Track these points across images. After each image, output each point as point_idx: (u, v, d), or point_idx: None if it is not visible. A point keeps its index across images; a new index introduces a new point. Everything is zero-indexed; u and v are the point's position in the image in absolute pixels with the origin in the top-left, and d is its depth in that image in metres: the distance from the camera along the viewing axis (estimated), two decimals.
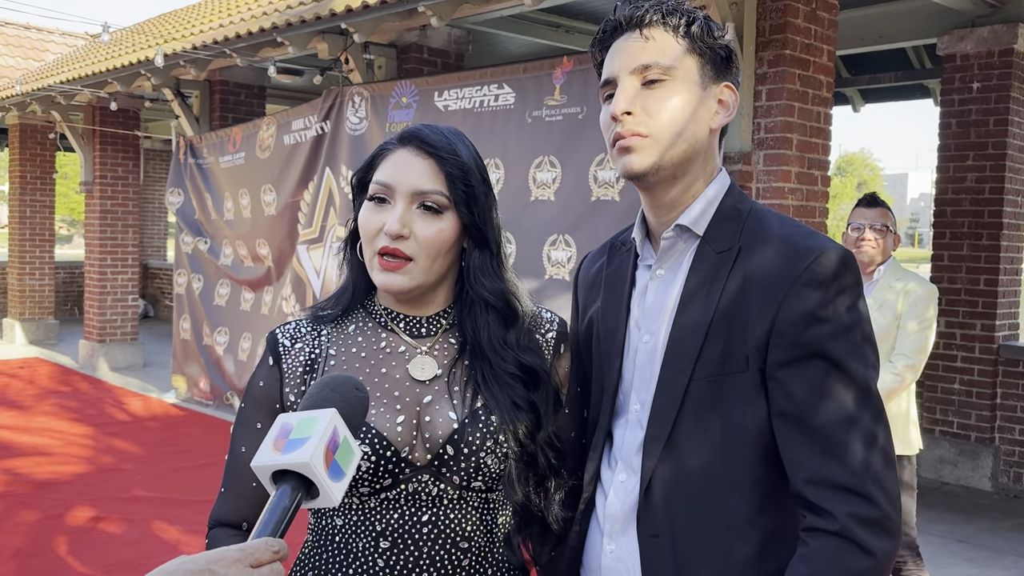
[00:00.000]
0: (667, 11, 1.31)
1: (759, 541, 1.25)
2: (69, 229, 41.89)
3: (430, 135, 1.34)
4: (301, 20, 5.75)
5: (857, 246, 3.53)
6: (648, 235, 1.41)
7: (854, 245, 3.53)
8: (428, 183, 1.31)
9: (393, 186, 1.32)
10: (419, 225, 1.30)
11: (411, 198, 1.31)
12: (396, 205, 1.31)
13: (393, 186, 1.32)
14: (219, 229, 7.67)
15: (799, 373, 1.21)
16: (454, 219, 1.32)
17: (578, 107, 4.59)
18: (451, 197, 1.31)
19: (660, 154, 1.29)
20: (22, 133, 11.48)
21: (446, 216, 1.31)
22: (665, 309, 1.34)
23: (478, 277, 1.35)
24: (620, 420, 1.38)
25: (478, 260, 1.35)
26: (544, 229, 4.68)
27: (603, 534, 1.37)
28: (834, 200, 37.42)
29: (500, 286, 1.36)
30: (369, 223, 1.33)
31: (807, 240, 1.26)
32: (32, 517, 4.94)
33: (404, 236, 1.29)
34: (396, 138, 1.37)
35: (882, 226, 3.55)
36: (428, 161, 1.32)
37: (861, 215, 3.60)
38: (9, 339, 11.79)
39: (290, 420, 1.03)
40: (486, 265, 1.36)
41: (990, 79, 6.03)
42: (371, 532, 1.29)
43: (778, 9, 4.21)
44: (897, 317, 3.46)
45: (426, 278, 1.32)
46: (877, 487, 1.18)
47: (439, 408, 1.30)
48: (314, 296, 6.58)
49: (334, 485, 0.99)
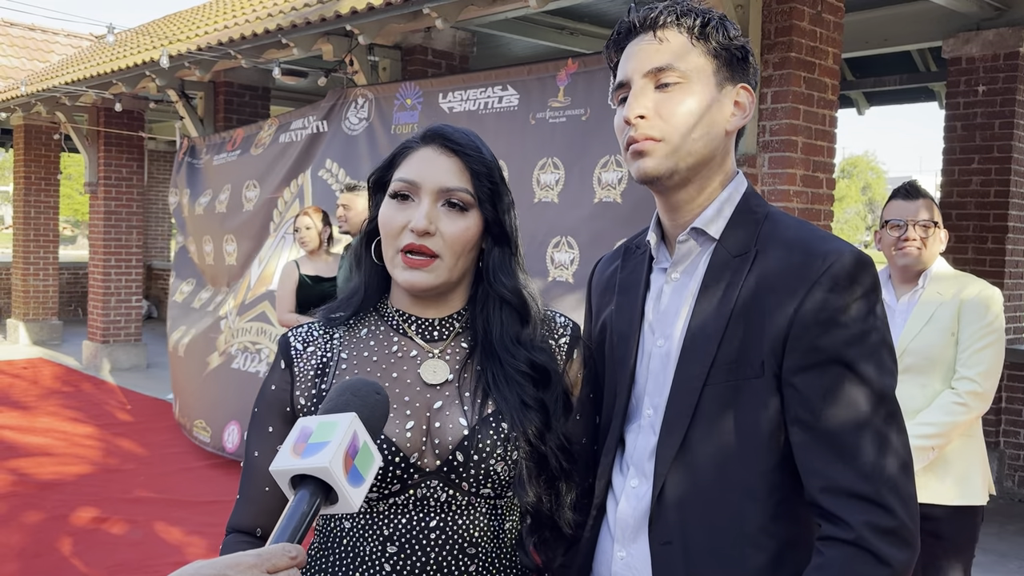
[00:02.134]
0: (681, 12, 1.29)
1: (773, 549, 1.23)
2: (73, 230, 41.94)
3: (454, 133, 1.34)
4: (306, 22, 5.75)
5: (899, 247, 2.89)
6: (663, 238, 1.40)
7: (894, 246, 2.90)
8: (454, 180, 1.30)
9: (419, 183, 1.31)
10: (445, 222, 1.30)
11: (437, 195, 1.30)
12: (422, 202, 1.30)
13: (419, 183, 1.31)
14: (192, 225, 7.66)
15: (815, 379, 1.20)
16: (478, 217, 1.32)
17: (582, 109, 4.58)
18: (476, 195, 1.31)
19: (674, 158, 1.28)
20: (27, 134, 11.50)
21: (471, 214, 1.31)
22: (680, 313, 1.32)
23: (497, 275, 1.34)
24: (633, 425, 1.37)
25: (498, 258, 1.35)
26: (547, 231, 4.67)
27: (614, 540, 1.35)
28: (839, 203, 37.33)
29: (517, 284, 1.35)
30: (392, 220, 1.31)
31: (824, 244, 1.24)
32: (36, 517, 4.93)
33: (431, 233, 1.29)
34: (419, 136, 1.35)
35: (928, 222, 2.90)
36: (453, 159, 1.32)
37: (900, 210, 2.92)
38: (13, 339, 11.80)
39: (310, 424, 1.01)
40: (506, 263, 1.35)
41: (995, 82, 6.02)
42: (379, 536, 1.28)
43: (783, 12, 4.21)
44: (953, 332, 2.81)
45: (450, 276, 1.32)
46: (894, 496, 1.15)
47: (449, 414, 1.29)
48: (248, 287, 6.54)
49: (353, 491, 0.98)
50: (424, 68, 6.37)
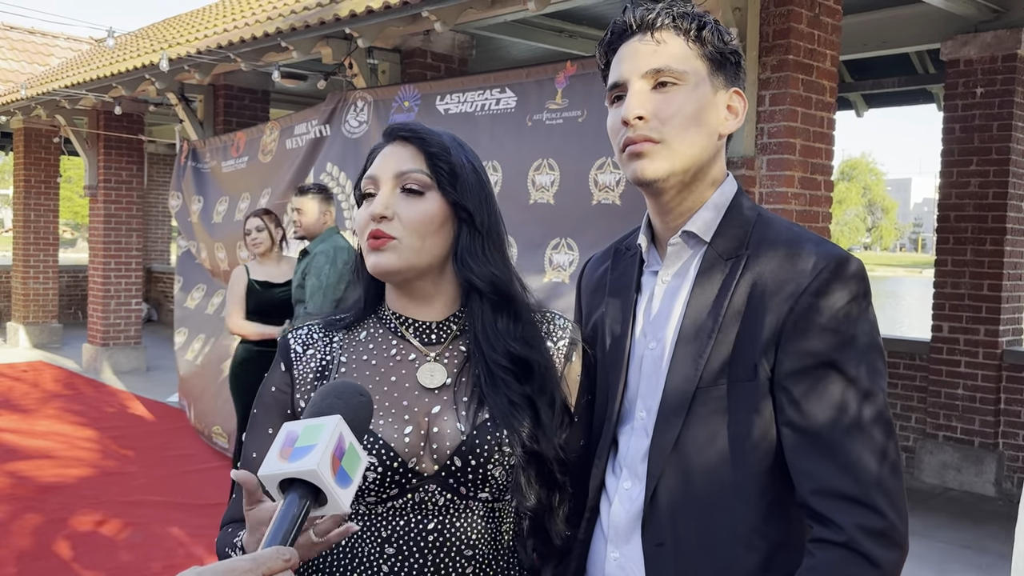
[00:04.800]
0: (678, 14, 1.29)
1: (765, 551, 1.24)
2: (73, 233, 41.95)
3: (411, 124, 1.36)
4: (305, 25, 5.76)
5: None
6: (654, 240, 1.40)
7: None
8: (408, 164, 1.32)
9: (376, 176, 1.34)
10: (402, 206, 1.31)
11: (394, 182, 1.32)
12: (380, 191, 1.32)
13: (376, 176, 1.34)
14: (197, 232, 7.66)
15: (807, 382, 1.20)
16: (438, 198, 1.32)
17: (579, 111, 4.58)
18: (432, 175, 1.32)
19: (672, 160, 1.28)
20: (27, 137, 11.51)
21: (429, 196, 1.32)
22: (672, 316, 1.32)
23: (465, 259, 1.33)
24: (625, 427, 1.37)
25: (466, 241, 1.33)
26: (545, 232, 4.67)
27: (607, 542, 1.35)
28: (839, 205, 37.38)
29: (489, 270, 1.33)
30: (360, 217, 1.34)
31: (815, 247, 1.25)
32: (35, 521, 4.94)
33: (387, 217, 1.30)
34: (382, 135, 1.39)
35: None
36: (408, 146, 1.34)
37: None
38: (13, 343, 11.81)
39: (295, 428, 1.02)
40: (475, 247, 1.33)
41: (994, 84, 6.03)
42: (376, 538, 1.28)
43: (781, 14, 4.21)
44: None
45: (417, 258, 1.31)
46: (884, 498, 1.16)
47: (447, 419, 1.29)
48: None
49: (342, 492, 0.99)
50: (423, 71, 6.37)
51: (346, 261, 4.53)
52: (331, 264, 4.44)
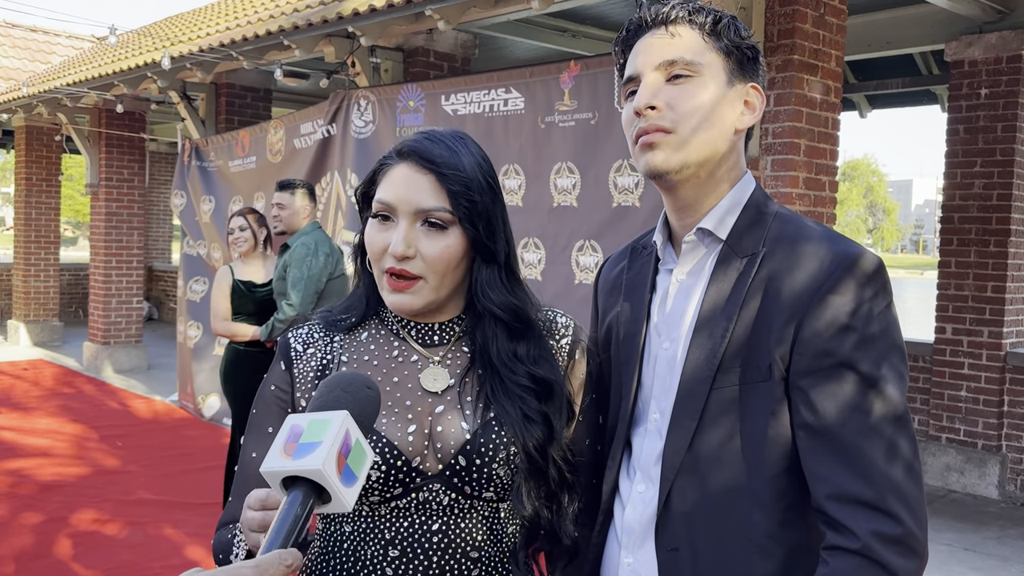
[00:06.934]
0: (693, 9, 1.29)
1: (782, 557, 1.21)
2: (74, 231, 41.98)
3: (430, 148, 1.30)
4: (308, 23, 5.75)
5: None
6: (670, 238, 1.38)
7: None
8: (430, 200, 1.27)
9: (395, 205, 1.28)
10: (424, 243, 1.27)
11: (414, 216, 1.28)
12: (399, 224, 1.28)
13: (395, 205, 1.28)
14: (209, 233, 7.66)
15: (823, 383, 1.17)
16: (460, 233, 1.29)
17: (590, 112, 4.59)
18: (454, 213, 1.28)
19: (684, 151, 1.26)
20: (28, 135, 11.50)
21: (451, 231, 1.28)
22: (686, 315, 1.31)
23: (486, 292, 1.32)
24: (639, 429, 1.35)
25: (485, 275, 1.32)
26: (570, 235, 4.73)
27: (621, 546, 1.33)
28: (839, 206, 37.27)
29: (509, 299, 1.32)
30: (374, 242, 1.30)
31: (834, 246, 1.22)
32: (35, 519, 4.92)
33: (410, 256, 1.27)
34: (395, 151, 1.33)
35: None
36: (428, 177, 1.28)
37: None
38: (14, 341, 11.80)
39: (300, 422, 0.98)
40: (494, 279, 1.32)
41: (998, 85, 6.02)
42: (380, 540, 1.27)
43: (786, 15, 4.20)
44: None
45: (436, 295, 1.30)
46: (901, 504, 1.12)
47: (451, 418, 1.28)
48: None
49: (347, 490, 0.95)
50: (426, 70, 6.36)
51: (327, 254, 4.57)
52: (312, 256, 4.47)
